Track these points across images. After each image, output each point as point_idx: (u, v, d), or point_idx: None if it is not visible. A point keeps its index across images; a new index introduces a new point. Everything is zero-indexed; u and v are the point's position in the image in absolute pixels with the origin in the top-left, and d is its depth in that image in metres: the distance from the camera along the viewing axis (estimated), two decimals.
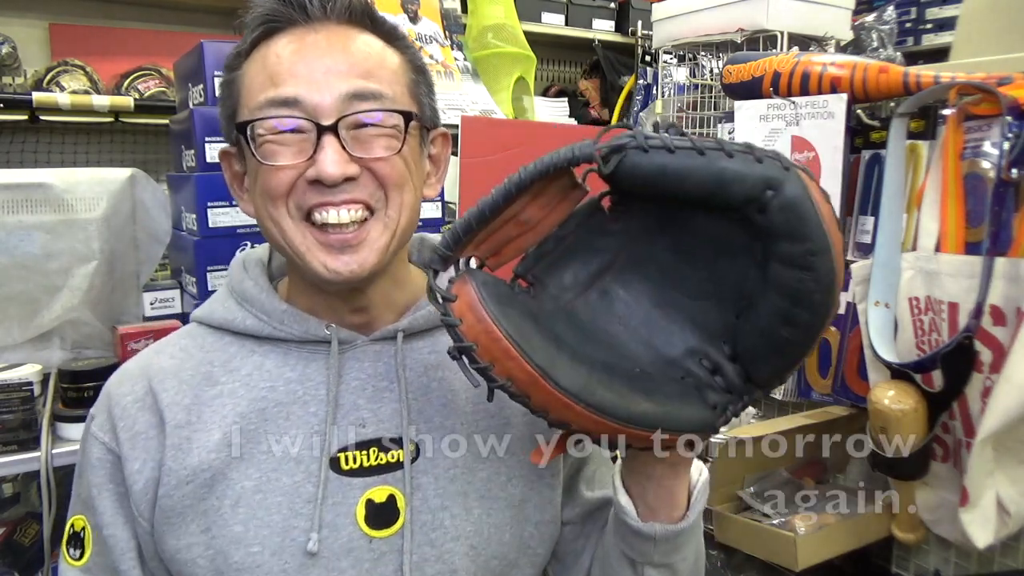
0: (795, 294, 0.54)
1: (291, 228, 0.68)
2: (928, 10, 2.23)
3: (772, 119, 1.47)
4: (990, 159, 1.19)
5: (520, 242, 0.61)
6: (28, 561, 1.43)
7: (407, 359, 0.75)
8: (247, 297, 0.76)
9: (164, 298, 1.44)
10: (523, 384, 0.56)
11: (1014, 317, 1.13)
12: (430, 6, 1.86)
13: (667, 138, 0.54)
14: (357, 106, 0.67)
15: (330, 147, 0.66)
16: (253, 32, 0.70)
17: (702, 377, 0.61)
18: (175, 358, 0.75)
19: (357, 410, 0.73)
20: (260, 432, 0.71)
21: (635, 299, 0.63)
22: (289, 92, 0.66)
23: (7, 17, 2.20)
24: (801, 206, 0.52)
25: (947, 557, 1.37)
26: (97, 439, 0.73)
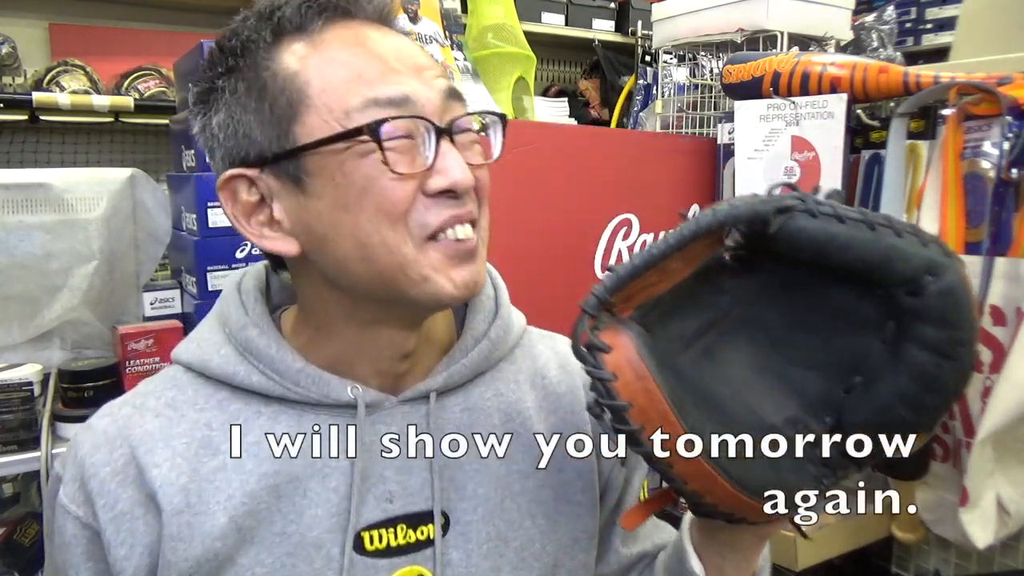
0: (928, 379, 0.53)
1: (412, 252, 0.58)
2: (928, 10, 2.23)
3: (772, 119, 1.47)
4: (990, 159, 1.19)
5: (653, 290, 0.57)
6: (28, 561, 1.43)
7: (439, 419, 0.66)
8: (252, 350, 0.64)
9: (164, 298, 1.44)
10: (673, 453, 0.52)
11: (1014, 317, 1.13)
12: (430, 6, 1.86)
13: (837, 206, 0.52)
14: (456, 108, 0.60)
15: (453, 151, 0.58)
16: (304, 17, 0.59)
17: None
18: (161, 417, 0.63)
19: (384, 482, 0.64)
20: (274, 511, 0.61)
21: (740, 361, 0.60)
22: (395, 90, 0.57)
23: (7, 17, 2.20)
24: (959, 294, 0.51)
25: (947, 557, 1.37)
26: (69, 512, 0.62)
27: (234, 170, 0.60)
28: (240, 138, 0.60)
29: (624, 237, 1.52)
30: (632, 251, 1.53)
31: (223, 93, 0.61)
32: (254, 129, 0.59)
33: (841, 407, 0.57)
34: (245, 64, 0.60)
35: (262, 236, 0.61)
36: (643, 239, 1.54)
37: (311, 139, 0.57)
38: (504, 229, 1.45)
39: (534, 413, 0.71)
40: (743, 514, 0.56)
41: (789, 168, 1.44)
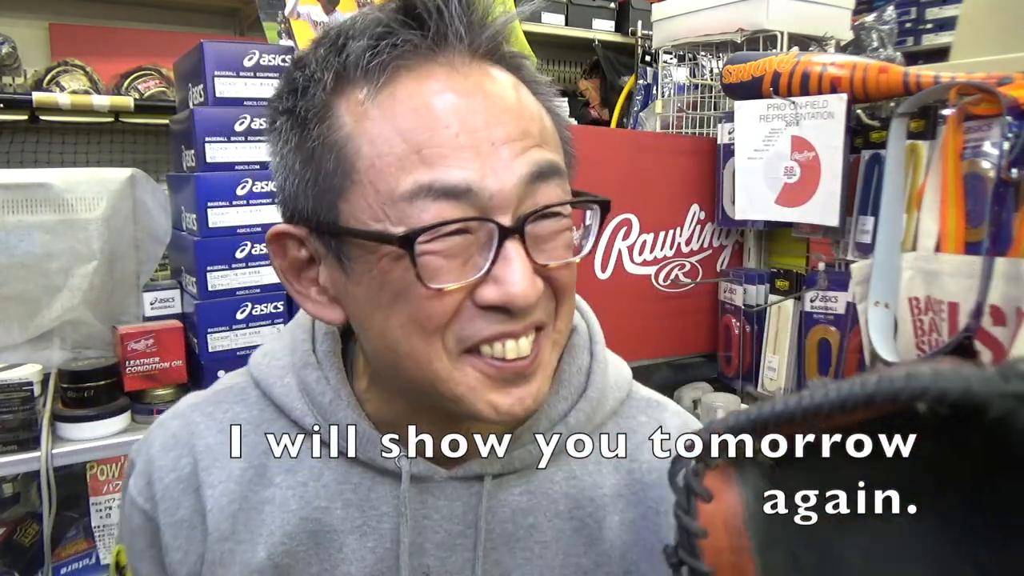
0: None
1: (447, 369, 0.50)
2: (928, 10, 2.23)
3: (772, 119, 1.47)
4: (990, 159, 1.19)
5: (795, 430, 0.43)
6: (28, 561, 1.43)
7: (493, 500, 0.59)
8: (308, 390, 0.60)
9: (164, 298, 1.44)
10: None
11: (1014, 317, 1.13)
12: None
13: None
14: (542, 193, 0.49)
15: (518, 258, 0.47)
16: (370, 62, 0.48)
17: None
18: (225, 432, 0.61)
19: (422, 555, 0.58)
20: (311, 557, 0.58)
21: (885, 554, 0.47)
22: (457, 178, 0.47)
23: (7, 17, 2.20)
24: None
25: None
26: (137, 505, 0.62)
27: (283, 227, 0.54)
28: (289, 193, 0.53)
29: (624, 237, 1.52)
30: (632, 251, 1.54)
31: (279, 135, 0.53)
32: (301, 190, 0.52)
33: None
34: (302, 108, 0.51)
35: (308, 298, 0.56)
36: (643, 239, 1.54)
37: (353, 224, 0.49)
38: None
39: (610, 502, 0.61)
40: None
41: (789, 168, 1.44)
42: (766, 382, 1.57)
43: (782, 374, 1.53)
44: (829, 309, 1.47)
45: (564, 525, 0.60)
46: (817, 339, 1.49)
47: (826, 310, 1.47)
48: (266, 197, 1.34)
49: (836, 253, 1.46)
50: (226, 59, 1.30)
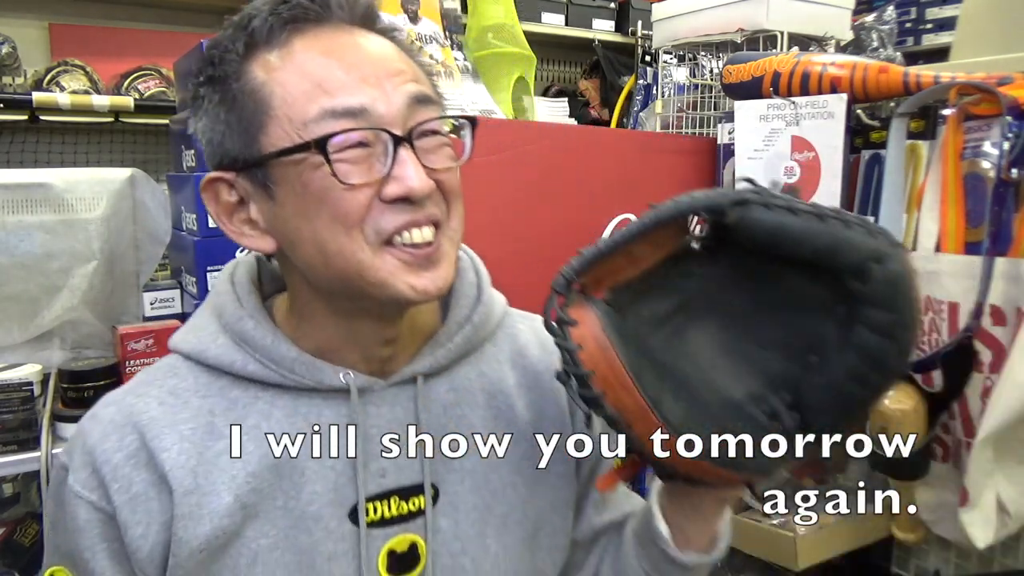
0: (874, 358, 0.57)
1: (369, 257, 0.60)
2: (928, 10, 2.23)
3: (772, 119, 1.47)
4: (990, 159, 1.19)
5: (623, 274, 0.63)
6: (28, 561, 1.43)
7: (425, 399, 0.71)
8: (248, 340, 0.67)
9: (164, 298, 1.44)
10: (631, 416, 0.57)
11: (1014, 317, 1.13)
12: (430, 6, 1.86)
13: (791, 199, 0.57)
14: (421, 113, 0.62)
15: (410, 159, 0.60)
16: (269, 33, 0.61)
17: (760, 421, 0.62)
18: (165, 404, 0.66)
19: (376, 460, 0.68)
20: (275, 489, 0.65)
21: (706, 341, 0.65)
22: (353, 101, 0.59)
23: (7, 17, 2.20)
24: (902, 282, 0.56)
25: (947, 557, 1.37)
26: (83, 499, 0.64)
27: (213, 173, 0.64)
28: (216, 144, 0.64)
29: None
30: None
31: (204, 101, 0.64)
32: (227, 137, 0.63)
33: (799, 383, 0.62)
34: (221, 74, 0.62)
35: (242, 234, 0.65)
36: None
37: (273, 150, 0.60)
38: (504, 229, 1.45)
39: (515, 391, 0.76)
40: (701, 476, 0.61)
41: (789, 168, 1.44)
42: None
43: None
44: None
45: (485, 413, 0.74)
46: None
47: None
48: None
49: None
50: None
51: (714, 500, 0.69)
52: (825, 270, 0.57)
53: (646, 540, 0.73)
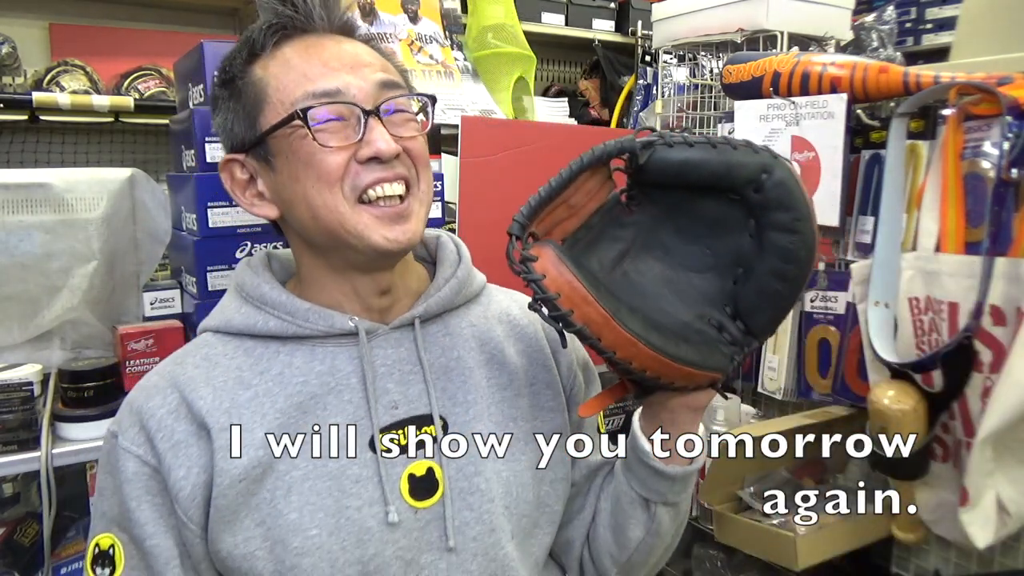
0: (786, 253, 0.68)
1: (348, 211, 0.73)
2: (928, 10, 2.23)
3: (772, 119, 1.47)
4: (990, 159, 1.19)
5: (566, 224, 0.73)
6: (28, 561, 1.43)
7: (425, 342, 0.81)
8: (267, 300, 0.79)
9: (164, 298, 1.43)
10: (597, 326, 0.66)
11: (1014, 317, 1.13)
12: (430, 6, 1.86)
13: (687, 136, 0.68)
14: (389, 93, 0.75)
15: (378, 127, 0.73)
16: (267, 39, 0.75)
17: (711, 334, 0.73)
18: (200, 367, 0.77)
19: (388, 394, 0.78)
20: (300, 425, 0.75)
21: (649, 276, 0.75)
22: (330, 84, 0.72)
23: (7, 17, 2.20)
24: (789, 183, 0.67)
25: (947, 557, 1.37)
26: (130, 453, 0.74)
27: (228, 155, 0.79)
28: (229, 131, 0.78)
29: None
30: None
31: (219, 100, 0.79)
32: (235, 123, 0.77)
33: (734, 295, 0.73)
34: (230, 76, 0.77)
35: (252, 205, 0.79)
36: None
37: (268, 127, 0.74)
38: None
39: (503, 340, 0.87)
40: (670, 377, 0.70)
41: None
42: (766, 382, 1.57)
43: (782, 374, 1.53)
44: (829, 309, 1.47)
45: (479, 356, 0.84)
46: (817, 339, 1.49)
47: (826, 310, 1.47)
48: None
49: (836, 253, 1.46)
50: None
51: (687, 409, 0.78)
52: (727, 189, 0.69)
53: (633, 461, 0.82)
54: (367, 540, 0.73)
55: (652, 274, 0.75)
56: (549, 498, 0.85)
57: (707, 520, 1.45)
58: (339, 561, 0.72)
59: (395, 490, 0.75)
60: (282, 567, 0.72)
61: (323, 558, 0.72)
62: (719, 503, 1.44)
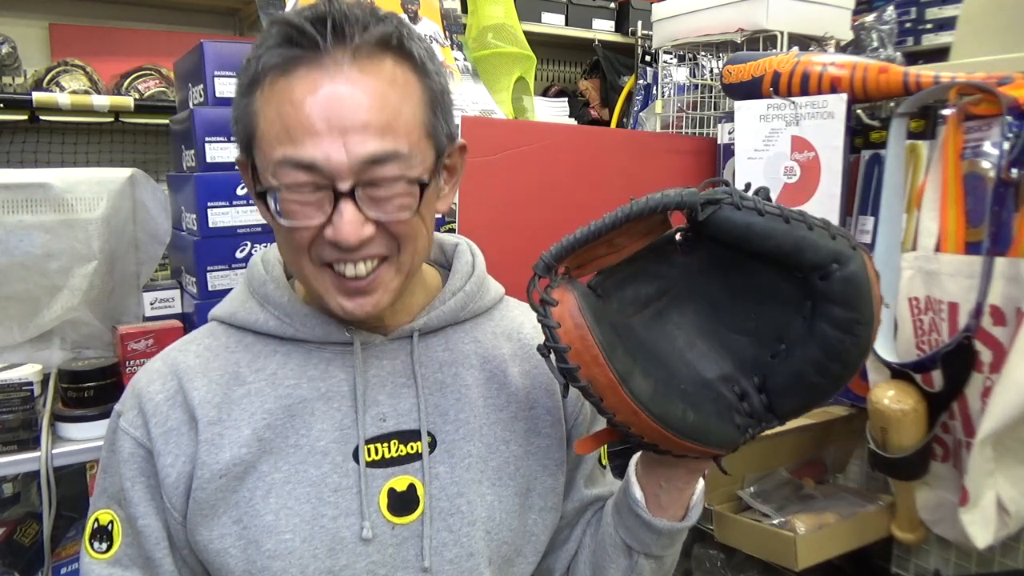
0: (834, 352, 0.64)
1: (312, 272, 0.71)
2: (928, 10, 2.23)
3: (772, 119, 1.47)
4: (990, 159, 1.19)
5: (603, 260, 0.69)
6: (28, 561, 1.43)
7: (422, 356, 0.80)
8: (269, 300, 0.79)
9: (164, 298, 1.44)
10: (601, 388, 0.63)
11: (1014, 317, 1.13)
12: (430, 6, 1.86)
13: (758, 200, 0.63)
14: (374, 172, 0.66)
15: (347, 211, 0.66)
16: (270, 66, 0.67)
17: (731, 400, 0.69)
18: (201, 357, 0.78)
19: (378, 405, 0.77)
20: (287, 427, 0.75)
21: (684, 324, 0.71)
22: (306, 155, 0.65)
23: (7, 17, 2.20)
24: (860, 282, 0.62)
25: (947, 557, 1.37)
26: (128, 434, 0.76)
27: (239, 157, 0.75)
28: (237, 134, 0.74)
29: None
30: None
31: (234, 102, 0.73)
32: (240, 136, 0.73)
33: (767, 369, 0.68)
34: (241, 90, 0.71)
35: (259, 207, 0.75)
36: None
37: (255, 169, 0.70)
38: (505, 228, 1.45)
39: (508, 359, 0.84)
40: (667, 447, 0.67)
41: (789, 168, 1.44)
42: None
43: None
44: None
45: (479, 375, 0.82)
46: None
47: None
48: None
49: None
50: (226, 59, 1.30)
51: (686, 471, 0.75)
52: (791, 268, 0.63)
53: (623, 507, 0.79)
54: (339, 551, 0.73)
55: (687, 321, 0.71)
56: (536, 527, 0.83)
57: (707, 520, 1.45)
58: (309, 568, 0.72)
59: (373, 504, 0.74)
60: (253, 567, 0.72)
61: (293, 563, 0.72)
62: (719, 503, 1.44)
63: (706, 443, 0.67)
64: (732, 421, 0.68)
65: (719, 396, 0.69)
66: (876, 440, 1.26)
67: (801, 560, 1.28)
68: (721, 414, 0.68)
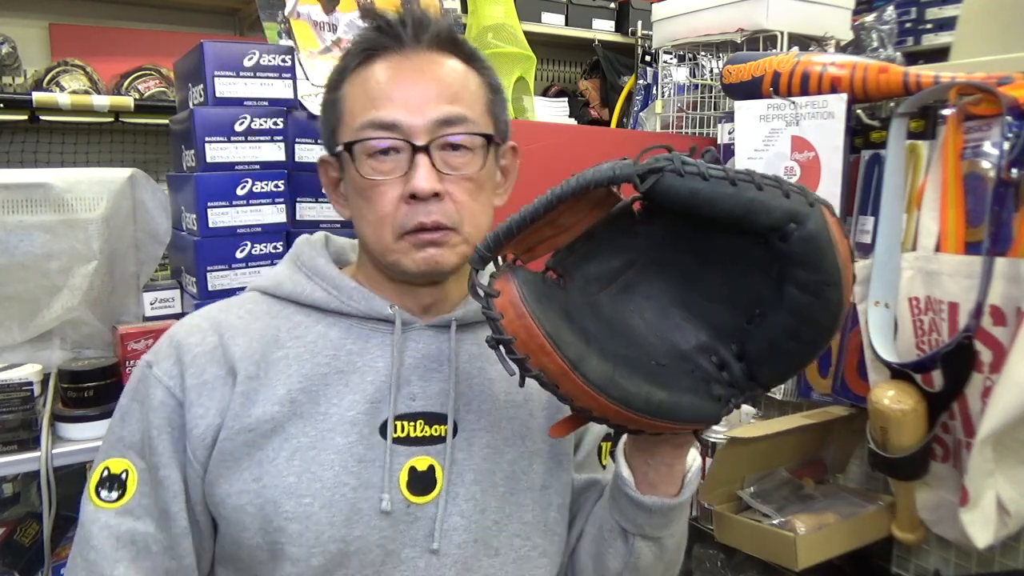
0: (804, 315, 0.60)
1: (390, 242, 0.76)
2: (928, 10, 2.23)
3: (772, 119, 1.47)
4: (990, 159, 1.19)
5: (553, 242, 0.68)
6: (28, 561, 1.43)
7: (456, 344, 0.82)
8: (319, 272, 0.83)
9: (164, 298, 1.44)
10: (554, 376, 0.62)
11: (1014, 317, 1.13)
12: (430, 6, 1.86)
13: (702, 165, 0.59)
14: (446, 130, 0.76)
15: (423, 165, 0.74)
16: (356, 58, 0.79)
17: (709, 371, 0.66)
18: (243, 318, 0.81)
19: (409, 385, 0.79)
20: (320, 394, 0.77)
21: (654, 296, 0.69)
22: (388, 116, 0.75)
23: (7, 17, 2.20)
24: (820, 241, 0.58)
25: (947, 557, 1.37)
26: (161, 383, 0.77)
27: (322, 155, 0.84)
28: (323, 135, 0.84)
29: None
30: None
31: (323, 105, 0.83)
32: (325, 130, 0.82)
33: (745, 336, 0.65)
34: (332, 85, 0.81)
35: (338, 203, 0.84)
36: None
37: (338, 145, 0.78)
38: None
39: None
40: (637, 427, 0.65)
41: (789, 168, 1.44)
42: None
43: None
44: None
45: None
46: None
47: None
48: (266, 197, 1.34)
49: None
50: (226, 59, 1.30)
51: (670, 446, 0.75)
52: (746, 232, 0.60)
53: (615, 489, 0.80)
54: (355, 521, 0.74)
55: (657, 291, 0.69)
56: (557, 525, 0.84)
57: (707, 520, 1.45)
58: (324, 535, 0.73)
59: (394, 479, 0.76)
60: (269, 526, 0.73)
61: (310, 528, 0.73)
62: (719, 503, 1.44)
63: (678, 420, 0.64)
64: (710, 393, 0.65)
65: (696, 368, 0.66)
66: (876, 440, 1.26)
67: (801, 560, 1.28)
68: (696, 388, 0.65)
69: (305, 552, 0.73)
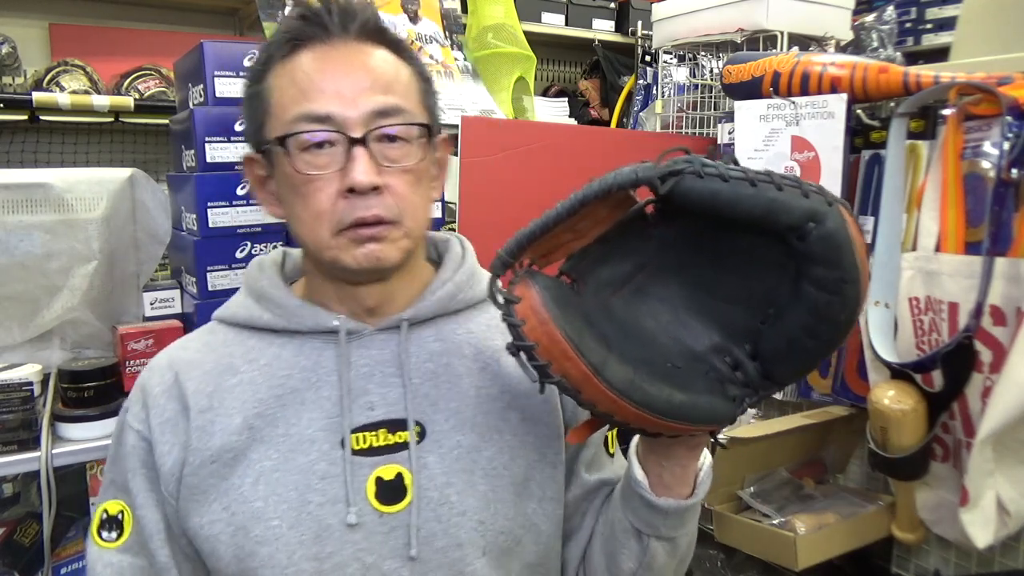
0: (822, 313, 0.61)
1: (328, 239, 0.74)
2: (928, 10, 2.22)
3: (772, 119, 1.47)
4: (990, 159, 1.19)
5: (570, 246, 0.68)
6: (28, 561, 1.43)
7: (412, 346, 0.81)
8: (263, 295, 0.82)
9: (164, 298, 1.44)
10: (576, 381, 0.61)
11: (1014, 317, 1.13)
12: (430, 6, 1.86)
13: (722, 166, 0.60)
14: (382, 121, 0.73)
15: (361, 158, 0.72)
16: (280, 49, 0.75)
17: (724, 372, 0.66)
18: (198, 352, 0.82)
19: (366, 394, 0.78)
20: (278, 416, 0.77)
21: (667, 298, 0.69)
22: (321, 108, 0.72)
23: (7, 17, 2.20)
24: (838, 239, 0.58)
25: (947, 557, 1.37)
26: (132, 428, 0.79)
27: (247, 153, 0.81)
28: (247, 132, 0.80)
29: None
30: None
31: (244, 99, 0.80)
32: (250, 126, 0.79)
33: (758, 335, 0.66)
34: (252, 79, 0.78)
35: (267, 202, 0.81)
36: None
37: (267, 140, 0.75)
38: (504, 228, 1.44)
39: (502, 351, 0.83)
40: (656, 429, 0.65)
41: (789, 168, 1.44)
42: None
43: None
44: None
45: (472, 364, 0.82)
46: None
47: None
48: None
49: None
50: (226, 59, 1.30)
51: (685, 448, 0.74)
52: (767, 232, 0.60)
53: (628, 490, 0.78)
54: (325, 537, 0.74)
55: (671, 294, 0.69)
56: (536, 516, 0.82)
57: (707, 520, 1.45)
58: (296, 555, 0.73)
59: (360, 491, 0.75)
60: (241, 552, 0.74)
61: (280, 549, 0.73)
62: (719, 503, 1.44)
63: (696, 421, 0.64)
64: (725, 394, 0.66)
65: (710, 369, 0.67)
66: (876, 440, 1.26)
67: (801, 560, 1.28)
68: (712, 388, 0.66)
69: (279, 573, 0.73)
